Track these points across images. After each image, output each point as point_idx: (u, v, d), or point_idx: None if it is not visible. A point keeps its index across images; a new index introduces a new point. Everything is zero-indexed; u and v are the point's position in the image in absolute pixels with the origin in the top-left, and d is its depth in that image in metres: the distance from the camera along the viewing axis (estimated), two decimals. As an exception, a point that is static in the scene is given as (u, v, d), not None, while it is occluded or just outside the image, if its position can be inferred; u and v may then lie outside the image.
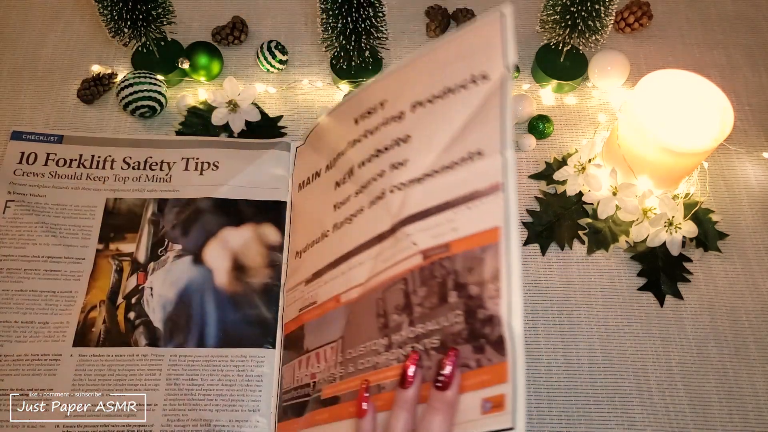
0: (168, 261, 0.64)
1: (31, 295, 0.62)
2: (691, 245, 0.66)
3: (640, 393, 0.60)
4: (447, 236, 0.46)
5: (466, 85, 0.47)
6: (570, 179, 0.68)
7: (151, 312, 0.61)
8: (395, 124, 0.53)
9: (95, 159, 0.70)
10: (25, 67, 0.80)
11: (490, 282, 0.42)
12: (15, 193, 0.68)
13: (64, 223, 0.66)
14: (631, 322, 0.63)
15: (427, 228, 0.47)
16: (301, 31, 0.83)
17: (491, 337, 0.41)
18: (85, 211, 0.67)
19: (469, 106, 0.47)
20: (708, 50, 0.81)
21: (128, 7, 0.67)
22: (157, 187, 0.69)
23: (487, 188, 0.44)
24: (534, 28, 0.73)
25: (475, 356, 0.42)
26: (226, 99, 0.73)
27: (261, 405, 0.58)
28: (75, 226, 0.66)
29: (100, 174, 0.70)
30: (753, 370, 0.61)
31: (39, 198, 0.68)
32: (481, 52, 0.46)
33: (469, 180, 0.45)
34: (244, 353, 0.60)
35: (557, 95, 0.76)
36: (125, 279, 0.64)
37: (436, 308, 0.45)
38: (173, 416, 0.57)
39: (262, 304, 0.62)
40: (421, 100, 0.51)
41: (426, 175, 0.49)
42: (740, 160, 0.72)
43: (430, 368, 0.43)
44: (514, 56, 0.44)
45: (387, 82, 0.55)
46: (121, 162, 0.70)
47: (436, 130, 0.49)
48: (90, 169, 0.70)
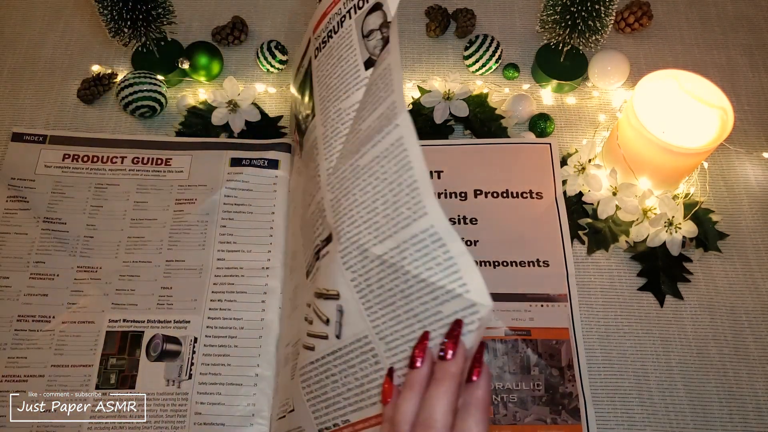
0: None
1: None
2: (691, 245, 0.66)
3: (640, 393, 0.60)
4: (525, 323, 0.61)
5: (526, 197, 0.66)
6: (570, 179, 0.68)
7: None
8: (459, 201, 0.67)
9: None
10: (25, 67, 0.80)
11: (567, 369, 0.59)
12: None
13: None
14: (631, 322, 0.63)
15: (505, 309, 0.62)
16: (301, 31, 0.82)
17: (568, 406, 0.58)
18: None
19: (530, 215, 0.66)
20: (708, 50, 0.81)
21: (128, 7, 0.67)
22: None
23: (557, 296, 0.63)
24: (534, 28, 0.73)
25: (552, 416, 0.58)
26: (226, 99, 0.73)
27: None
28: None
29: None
30: (753, 370, 0.61)
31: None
32: (535, 172, 0.62)
33: (541, 283, 0.63)
34: None
35: (557, 95, 0.76)
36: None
37: (518, 374, 0.59)
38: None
39: None
40: (485, 191, 0.64)
41: (498, 262, 0.64)
42: (740, 160, 0.72)
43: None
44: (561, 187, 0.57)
45: (440, 155, 0.66)
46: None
47: (504, 224, 0.63)
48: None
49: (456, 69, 0.79)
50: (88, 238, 0.66)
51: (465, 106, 0.72)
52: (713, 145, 0.59)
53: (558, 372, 0.60)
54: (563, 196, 0.68)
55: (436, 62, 0.80)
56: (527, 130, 0.73)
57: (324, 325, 0.47)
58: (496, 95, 0.76)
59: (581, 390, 0.59)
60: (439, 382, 0.37)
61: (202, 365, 0.60)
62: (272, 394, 0.59)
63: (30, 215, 0.67)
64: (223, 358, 0.60)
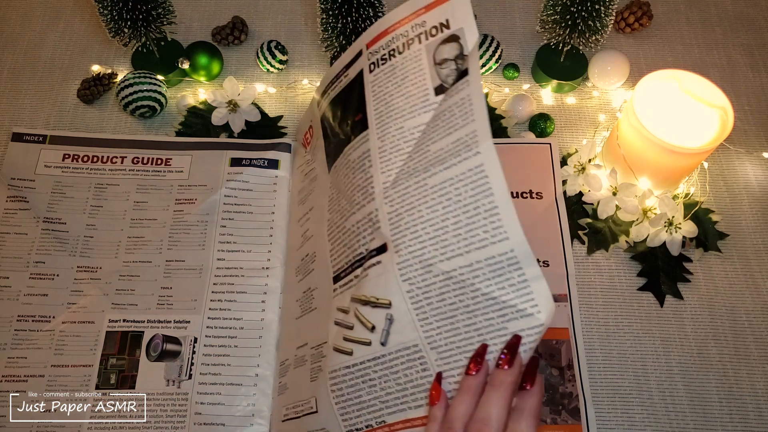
0: None
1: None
2: (691, 245, 0.66)
3: (640, 393, 0.60)
4: None
5: (526, 197, 0.63)
6: (570, 179, 0.68)
7: None
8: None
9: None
10: (25, 67, 0.80)
11: (567, 369, 0.59)
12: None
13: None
14: (631, 322, 0.63)
15: None
16: (301, 31, 0.82)
17: (568, 406, 0.58)
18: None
19: (530, 215, 0.65)
20: (708, 50, 0.81)
21: (128, 7, 0.67)
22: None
23: (557, 296, 0.62)
24: (534, 28, 0.73)
25: (552, 416, 0.58)
26: (226, 99, 0.73)
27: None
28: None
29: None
30: (753, 370, 0.61)
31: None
32: (535, 172, 0.59)
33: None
34: None
35: (557, 95, 0.76)
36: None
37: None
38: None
39: None
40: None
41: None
42: (740, 160, 0.72)
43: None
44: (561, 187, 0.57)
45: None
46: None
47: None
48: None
49: (456, 69, 0.79)
50: (88, 238, 0.66)
51: (465, 106, 0.72)
52: (713, 145, 0.59)
53: (558, 372, 0.59)
54: (563, 196, 0.68)
55: (436, 62, 0.80)
56: (527, 130, 0.73)
57: (368, 331, 0.48)
58: (496, 95, 0.76)
59: (581, 390, 0.59)
60: (496, 388, 0.40)
61: (202, 365, 0.60)
62: (272, 395, 0.59)
63: (30, 215, 0.67)
64: (223, 358, 0.60)
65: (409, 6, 0.51)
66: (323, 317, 0.54)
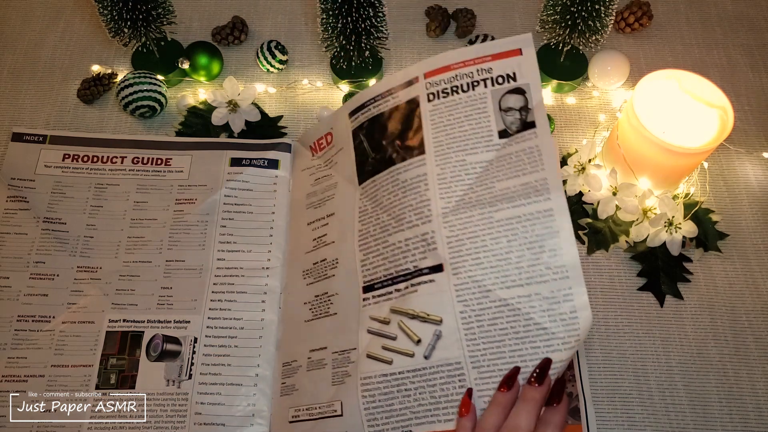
0: None
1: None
2: (691, 245, 0.66)
3: (640, 393, 0.60)
4: None
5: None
6: (570, 179, 0.68)
7: None
8: None
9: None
10: (25, 67, 0.80)
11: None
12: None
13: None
14: (631, 322, 0.63)
15: None
16: (301, 31, 0.83)
17: (569, 406, 0.55)
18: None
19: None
20: (708, 50, 0.81)
21: (128, 7, 0.67)
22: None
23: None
24: (534, 28, 0.73)
25: None
26: (226, 99, 0.73)
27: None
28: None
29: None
30: (753, 370, 0.61)
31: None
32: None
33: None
34: None
35: (557, 95, 0.76)
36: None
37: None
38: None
39: None
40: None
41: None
42: (740, 160, 0.72)
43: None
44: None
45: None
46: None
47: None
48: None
49: (456, 69, 0.79)
50: (88, 238, 0.66)
51: (465, 106, 0.72)
52: (713, 145, 0.59)
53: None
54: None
55: (436, 62, 0.80)
56: (527, 130, 0.73)
57: (413, 344, 0.51)
58: (496, 95, 0.76)
59: (581, 390, 0.59)
60: (526, 402, 0.46)
61: (202, 365, 0.60)
62: (272, 395, 0.59)
63: (30, 215, 0.67)
64: (223, 358, 0.60)
65: (475, 50, 0.55)
66: (349, 324, 0.56)
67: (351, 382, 0.53)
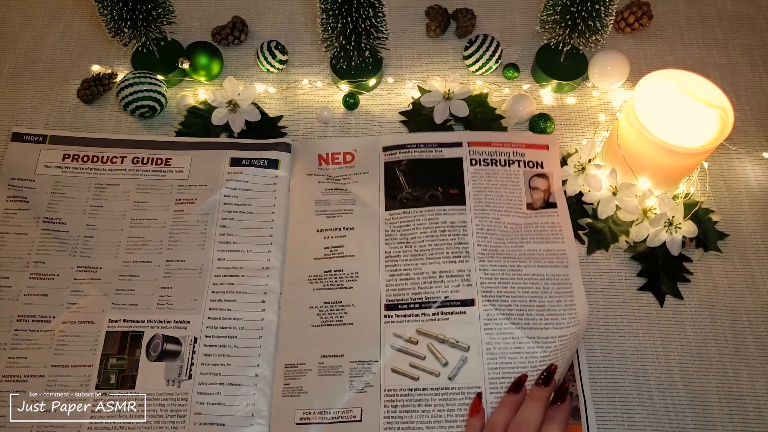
0: None
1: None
2: (691, 245, 0.66)
3: (640, 393, 0.60)
4: None
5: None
6: (570, 179, 0.68)
7: None
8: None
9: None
10: (25, 67, 0.80)
11: (567, 369, 0.60)
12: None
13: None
14: (631, 322, 0.63)
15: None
16: (301, 31, 0.83)
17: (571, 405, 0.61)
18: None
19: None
20: (708, 50, 0.81)
21: (128, 7, 0.67)
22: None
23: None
24: (534, 28, 0.73)
25: None
26: (226, 99, 0.73)
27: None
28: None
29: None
30: (753, 370, 0.61)
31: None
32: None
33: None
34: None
35: (557, 95, 0.76)
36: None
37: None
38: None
39: None
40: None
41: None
42: (740, 160, 0.72)
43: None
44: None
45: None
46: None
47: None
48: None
49: (456, 69, 0.79)
50: (88, 238, 0.66)
51: (465, 106, 0.72)
52: (713, 145, 0.59)
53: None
54: (563, 196, 0.68)
55: (436, 62, 0.80)
56: (527, 130, 0.73)
57: (439, 365, 0.59)
58: (496, 95, 0.76)
59: (581, 390, 0.59)
60: (534, 400, 0.53)
61: (202, 365, 0.60)
62: (272, 395, 0.59)
63: (30, 215, 0.67)
64: (223, 358, 0.60)
65: (514, 137, 0.71)
66: (367, 337, 0.61)
67: (373, 392, 0.58)
